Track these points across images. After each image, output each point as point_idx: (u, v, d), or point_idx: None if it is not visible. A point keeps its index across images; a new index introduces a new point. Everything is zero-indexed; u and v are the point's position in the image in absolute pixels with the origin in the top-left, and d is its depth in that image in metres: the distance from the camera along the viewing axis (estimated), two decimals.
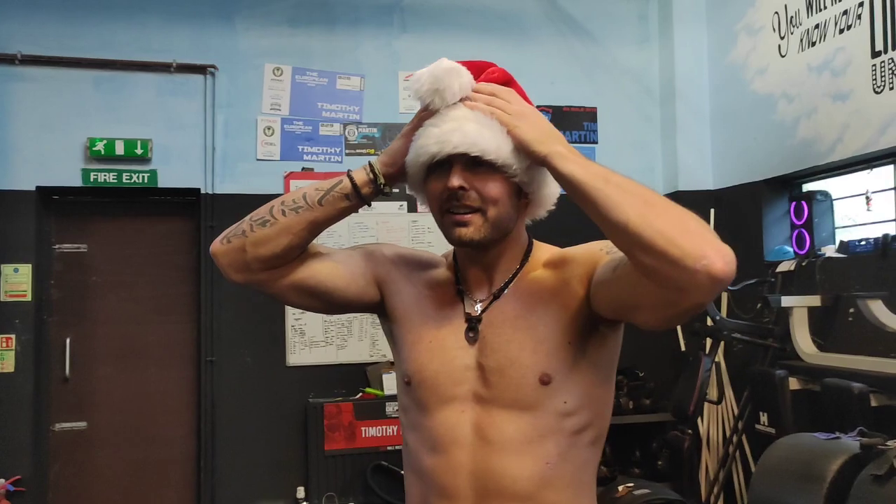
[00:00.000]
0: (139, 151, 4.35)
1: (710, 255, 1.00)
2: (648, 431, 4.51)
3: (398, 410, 1.43)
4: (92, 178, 4.34)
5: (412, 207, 4.68)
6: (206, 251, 4.40)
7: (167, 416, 4.52)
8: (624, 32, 5.08)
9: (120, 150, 4.33)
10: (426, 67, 1.26)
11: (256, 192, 4.44)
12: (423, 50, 4.68)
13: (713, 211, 4.61)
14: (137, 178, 4.40)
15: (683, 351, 4.61)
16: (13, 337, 4.18)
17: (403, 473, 1.42)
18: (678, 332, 4.64)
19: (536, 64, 4.85)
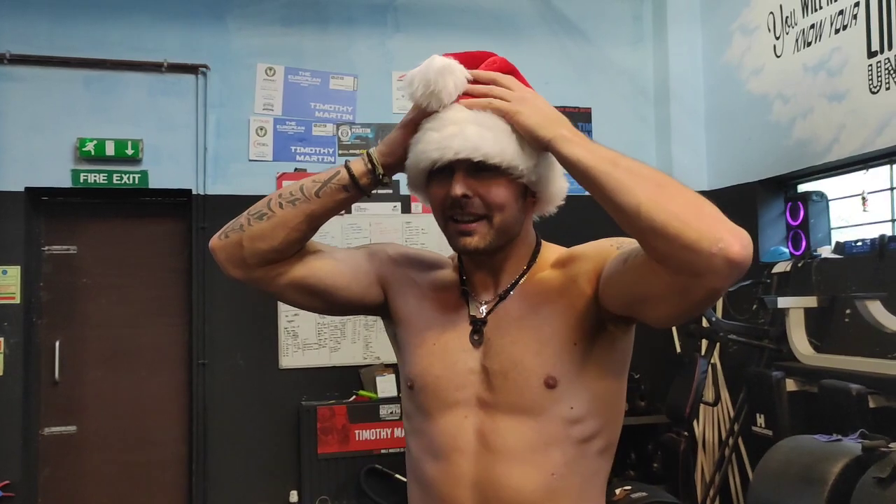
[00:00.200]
0: (130, 152, 4.31)
1: (726, 237, 0.96)
2: (644, 433, 4.48)
3: (402, 416, 1.39)
4: (82, 178, 4.29)
5: (406, 208, 4.65)
6: (197, 253, 4.37)
7: (158, 419, 4.47)
8: (618, 33, 5.06)
9: (110, 150, 4.28)
10: (418, 67, 1.21)
11: (249, 192, 4.40)
12: (416, 50, 4.58)
13: None
14: (128, 178, 4.35)
15: (679, 352, 4.59)
16: (1, 340, 4.13)
17: (406, 481, 1.38)
18: (673, 333, 4.62)
19: (530, 64, 4.74)
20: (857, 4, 3.59)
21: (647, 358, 4.53)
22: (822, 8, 3.83)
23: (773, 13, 4.20)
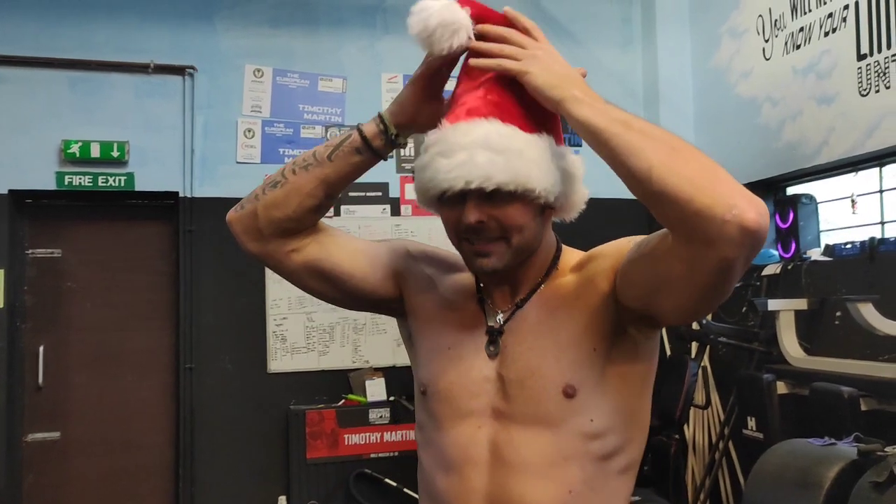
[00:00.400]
0: (115, 154, 4.25)
1: (741, 204, 0.92)
2: None
3: (415, 429, 1.34)
4: (67, 181, 4.23)
5: (395, 211, 4.63)
6: (185, 256, 4.33)
7: (144, 424, 4.41)
8: (607, 35, 5.06)
9: (96, 152, 4.23)
10: (428, 3, 1.13)
11: (236, 195, 4.25)
12: (406, 52, 4.55)
13: None
14: (114, 181, 4.30)
15: (669, 355, 4.58)
16: None
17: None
18: (664, 336, 4.62)
19: None
20: (846, 7, 3.60)
21: None
22: (811, 11, 3.84)
23: (762, 16, 4.20)
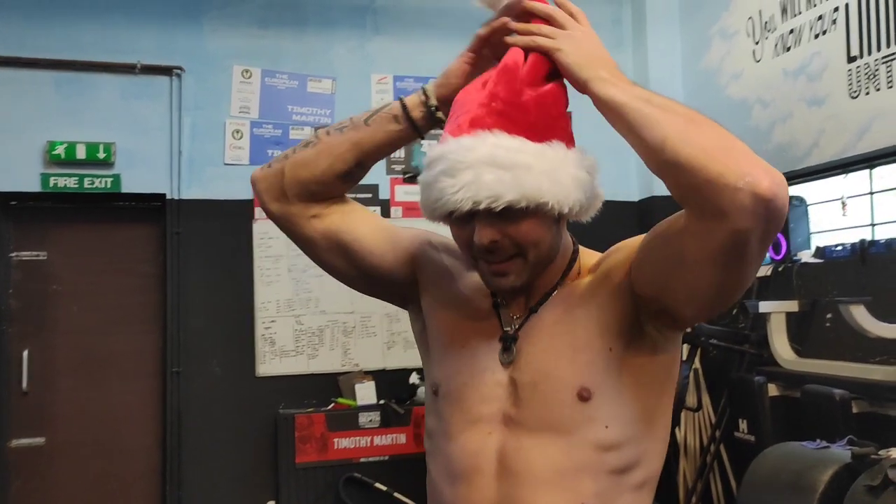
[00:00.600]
0: (102, 155, 4.21)
1: (754, 172, 0.90)
2: None
3: (424, 437, 1.29)
4: (52, 183, 4.18)
5: (385, 213, 4.59)
6: (172, 258, 4.29)
7: (131, 429, 4.36)
8: (598, 36, 5.03)
9: (81, 154, 4.18)
10: None
11: (224, 197, 4.33)
12: (396, 52, 4.58)
13: None
14: (100, 183, 4.25)
15: None
16: None
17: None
18: None
19: None
20: (836, 10, 3.60)
21: None
22: (801, 13, 3.84)
23: (752, 18, 4.20)
